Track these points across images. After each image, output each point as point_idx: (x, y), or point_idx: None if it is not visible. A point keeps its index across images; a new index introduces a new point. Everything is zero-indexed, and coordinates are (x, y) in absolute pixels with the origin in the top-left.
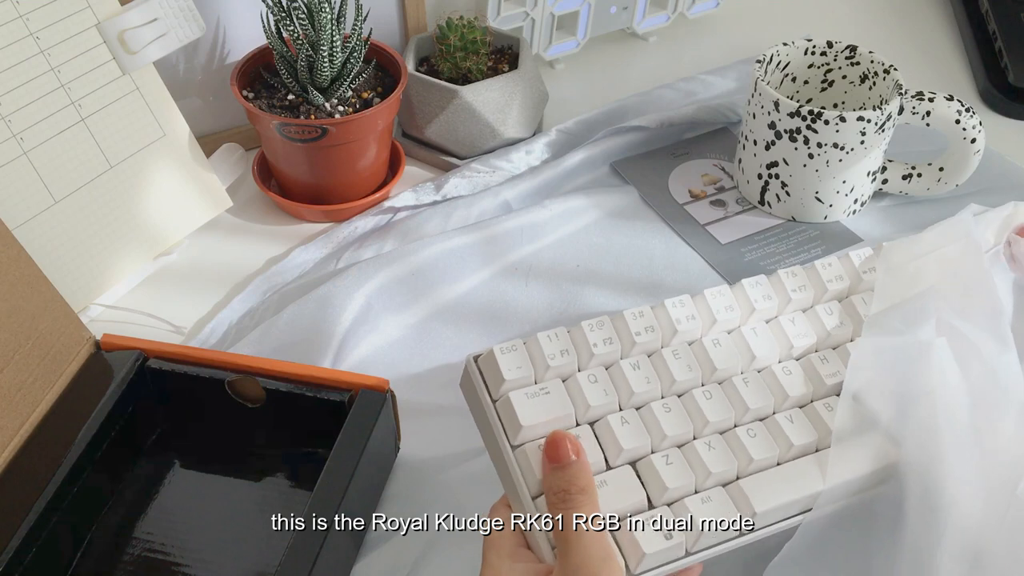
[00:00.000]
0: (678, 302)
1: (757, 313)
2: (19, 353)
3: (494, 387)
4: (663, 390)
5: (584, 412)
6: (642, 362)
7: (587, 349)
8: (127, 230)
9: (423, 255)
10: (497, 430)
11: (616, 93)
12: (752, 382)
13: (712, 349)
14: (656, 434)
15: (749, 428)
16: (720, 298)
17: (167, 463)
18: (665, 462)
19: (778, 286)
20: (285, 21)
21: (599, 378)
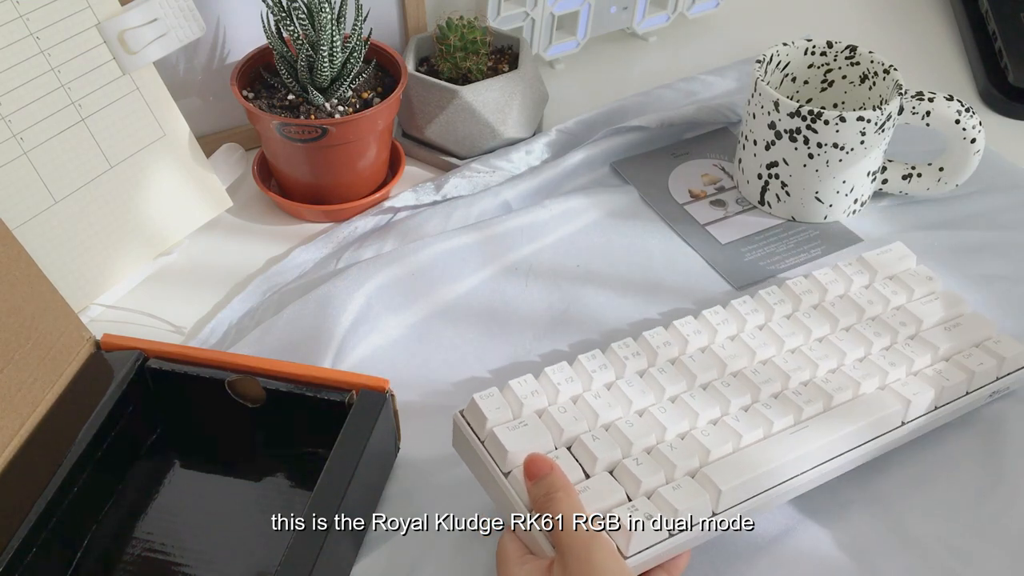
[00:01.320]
0: (623, 344)
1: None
2: (19, 353)
3: (479, 429)
4: (623, 411)
5: (560, 437)
6: (602, 392)
7: (552, 388)
8: (127, 230)
9: (423, 255)
10: (489, 464)
11: (616, 93)
12: (698, 396)
13: (659, 375)
14: (624, 444)
15: (703, 430)
16: (657, 337)
17: (167, 463)
18: (636, 463)
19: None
20: (285, 21)
21: (567, 408)
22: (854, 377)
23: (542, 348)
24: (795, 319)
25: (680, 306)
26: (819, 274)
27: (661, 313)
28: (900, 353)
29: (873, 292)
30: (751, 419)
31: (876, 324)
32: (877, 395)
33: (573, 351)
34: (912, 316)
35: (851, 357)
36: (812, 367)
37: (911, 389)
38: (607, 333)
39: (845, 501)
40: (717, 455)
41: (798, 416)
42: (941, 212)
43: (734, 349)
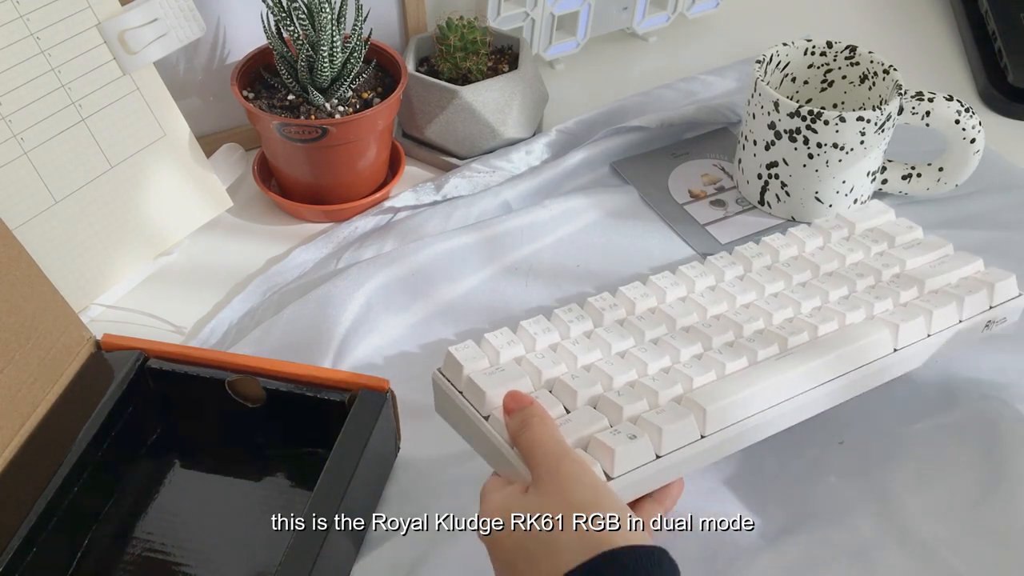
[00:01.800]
0: (600, 298)
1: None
2: (19, 353)
3: (457, 379)
4: (603, 353)
5: (538, 380)
6: (580, 339)
7: (529, 338)
8: (127, 230)
9: (423, 255)
10: (469, 411)
11: (616, 93)
12: (679, 337)
13: (638, 322)
14: (604, 380)
15: (685, 364)
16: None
17: (167, 463)
18: (617, 395)
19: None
20: (285, 21)
21: (546, 355)
22: (839, 310)
23: None
24: (775, 269)
25: None
26: (796, 230)
27: None
28: (886, 288)
29: (854, 242)
30: (735, 352)
31: (859, 267)
32: (865, 323)
33: None
34: (896, 259)
35: (835, 295)
36: (795, 306)
37: (899, 316)
38: None
39: (846, 501)
40: (701, 382)
41: (783, 345)
42: (941, 212)
43: (714, 297)
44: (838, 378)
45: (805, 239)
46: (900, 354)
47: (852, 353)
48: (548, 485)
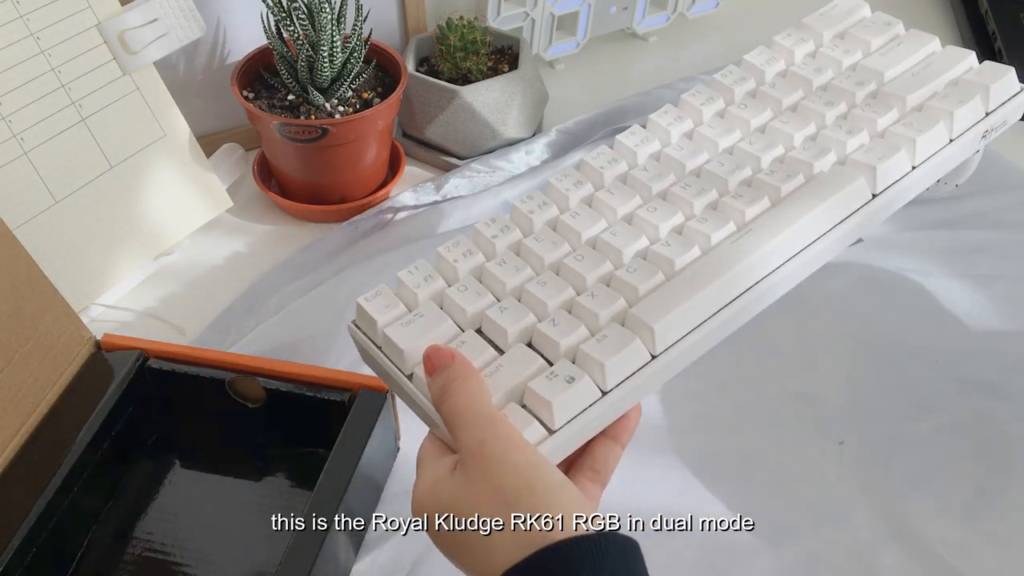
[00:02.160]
0: (526, 197)
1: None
2: (19, 353)
3: (373, 333)
4: (535, 271)
5: (463, 318)
6: (507, 257)
7: (449, 267)
8: (127, 230)
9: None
10: (391, 369)
11: (616, 93)
12: (620, 231)
13: (572, 220)
14: (538, 307)
15: (628, 267)
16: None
17: (167, 463)
18: (552, 324)
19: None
20: (285, 21)
21: (469, 286)
22: (804, 159)
23: None
24: (728, 115)
25: None
26: (752, 56)
27: None
28: (860, 117)
29: (821, 59)
30: (683, 240)
31: (827, 93)
32: (835, 174)
33: None
34: (871, 72)
35: (800, 137)
36: (753, 160)
37: (876, 155)
38: None
39: (846, 501)
40: (645, 290)
41: (740, 221)
42: (941, 212)
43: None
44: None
45: (764, 66)
46: (881, 198)
47: (820, 216)
48: (474, 469)
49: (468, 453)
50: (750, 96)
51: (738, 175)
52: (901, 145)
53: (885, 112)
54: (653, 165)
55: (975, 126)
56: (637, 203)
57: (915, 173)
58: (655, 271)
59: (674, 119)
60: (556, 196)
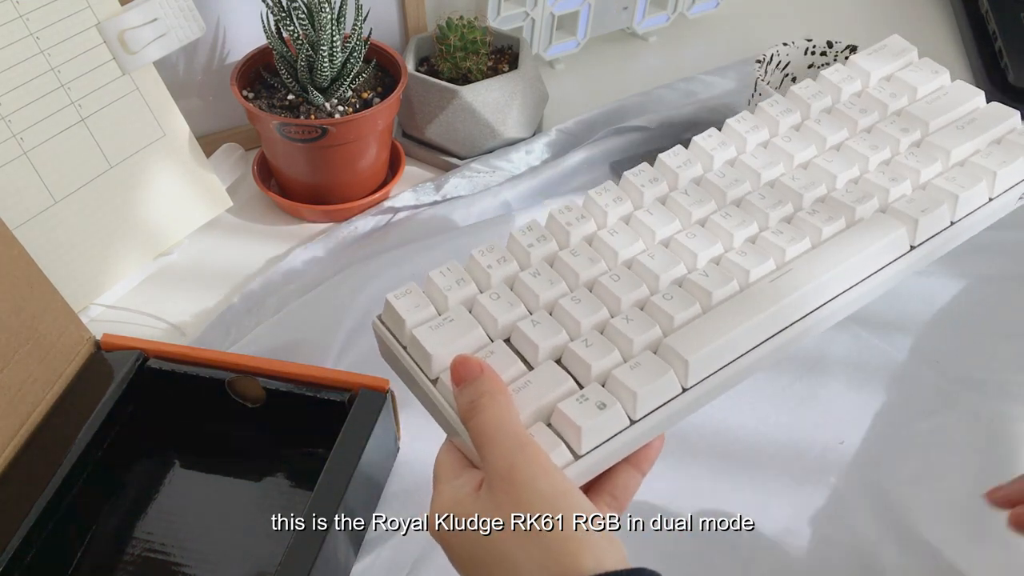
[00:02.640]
0: (564, 208)
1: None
2: (19, 353)
3: (400, 333)
4: (569, 286)
5: (494, 328)
6: (542, 268)
7: (483, 272)
8: (127, 230)
9: (423, 255)
10: (415, 372)
11: (616, 93)
12: (658, 255)
13: (610, 238)
14: (571, 324)
15: (665, 293)
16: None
17: (167, 463)
18: (584, 345)
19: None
20: (285, 21)
21: (501, 294)
22: (847, 202)
23: None
24: (772, 146)
25: None
26: (799, 88)
27: None
28: (903, 165)
29: (867, 99)
30: (722, 272)
31: (872, 136)
32: (876, 221)
33: None
34: (916, 119)
35: (843, 179)
36: (796, 198)
37: (918, 207)
38: None
39: (846, 501)
40: (681, 320)
41: (780, 259)
42: None
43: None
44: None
45: (810, 100)
46: (920, 250)
47: (860, 263)
48: (501, 492)
49: (496, 475)
50: (794, 129)
51: (780, 210)
52: (943, 200)
53: (929, 163)
54: (694, 189)
55: (1015, 187)
56: (676, 228)
57: (954, 228)
58: (692, 302)
59: (718, 144)
60: (594, 210)
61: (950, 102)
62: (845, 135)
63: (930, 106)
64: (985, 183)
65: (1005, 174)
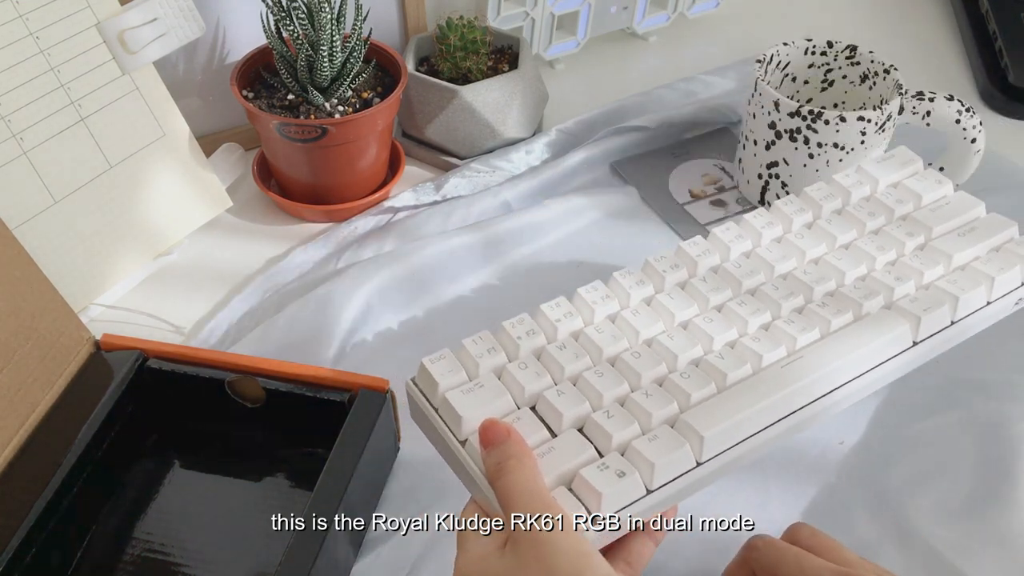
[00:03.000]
0: (591, 288)
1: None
2: (19, 353)
3: (432, 395)
4: (593, 360)
5: (521, 396)
6: (568, 342)
7: (512, 343)
8: (127, 230)
9: (423, 255)
10: (444, 432)
11: (616, 93)
12: (677, 336)
13: (632, 318)
14: (593, 396)
15: (683, 372)
16: (630, 276)
17: (167, 463)
18: (606, 416)
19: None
20: (285, 21)
21: (529, 364)
22: (854, 298)
23: None
24: (785, 241)
25: None
26: (812, 190)
27: None
28: (907, 266)
29: (875, 204)
30: (737, 356)
31: (879, 238)
32: (882, 317)
33: None
34: (920, 225)
35: (851, 276)
36: (807, 291)
37: (921, 305)
38: None
39: (846, 501)
40: (697, 398)
41: (791, 347)
42: None
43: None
44: (849, 383)
45: (822, 201)
46: (921, 347)
47: (866, 355)
48: (527, 550)
49: (522, 534)
50: (806, 227)
51: (791, 301)
52: (945, 300)
53: (932, 266)
54: (712, 277)
55: (1011, 293)
56: (694, 311)
57: (954, 328)
58: (708, 381)
59: (735, 236)
60: (618, 291)
61: (952, 211)
62: (854, 235)
63: (933, 213)
64: (984, 287)
65: (1003, 280)
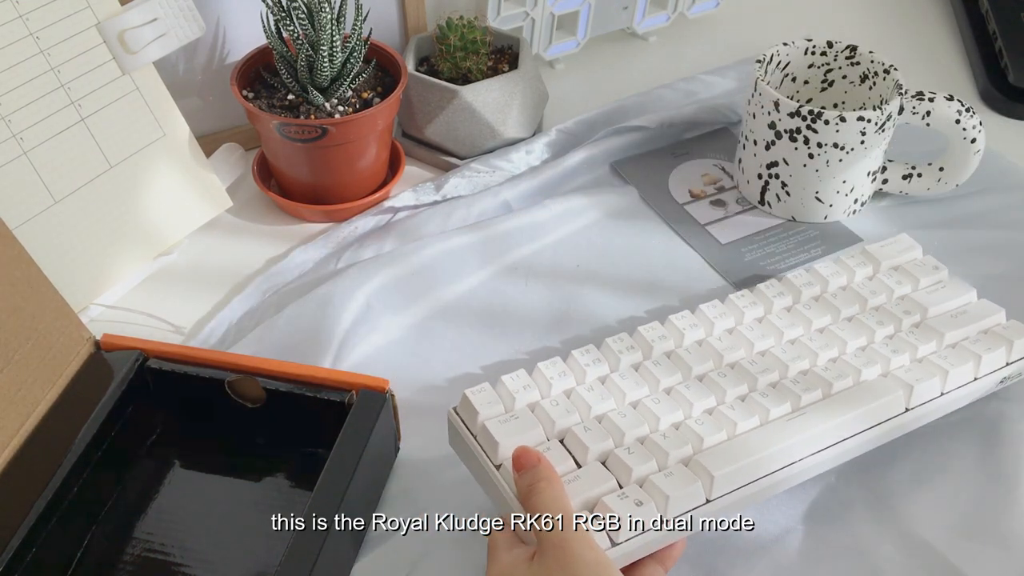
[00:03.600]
0: (617, 339)
1: (687, 337)
2: (19, 353)
3: (472, 423)
4: (617, 403)
5: (552, 429)
6: (595, 385)
7: (545, 382)
8: (127, 230)
9: (423, 255)
10: (481, 458)
11: (616, 93)
12: (693, 387)
13: (653, 368)
14: (616, 434)
15: (697, 419)
16: (652, 331)
17: (167, 463)
18: (627, 452)
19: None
20: (285, 21)
21: (560, 402)
22: (855, 365)
23: (542, 348)
24: (795, 311)
25: (681, 306)
26: (820, 266)
27: (662, 313)
28: (904, 341)
29: (877, 283)
30: (747, 408)
31: (879, 313)
32: (879, 382)
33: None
34: (917, 305)
35: (853, 346)
36: (812, 356)
37: (914, 375)
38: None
39: (846, 501)
40: (711, 443)
41: (796, 404)
42: (941, 212)
43: (731, 341)
44: (847, 439)
45: (829, 277)
46: (912, 413)
47: (864, 415)
48: (553, 560)
49: (549, 545)
50: (814, 299)
51: (798, 364)
52: (935, 373)
53: (926, 342)
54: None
55: (996, 371)
56: (709, 367)
57: (942, 399)
58: (720, 428)
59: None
60: (642, 343)
61: (946, 295)
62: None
63: (929, 296)
64: (972, 364)
65: (989, 359)
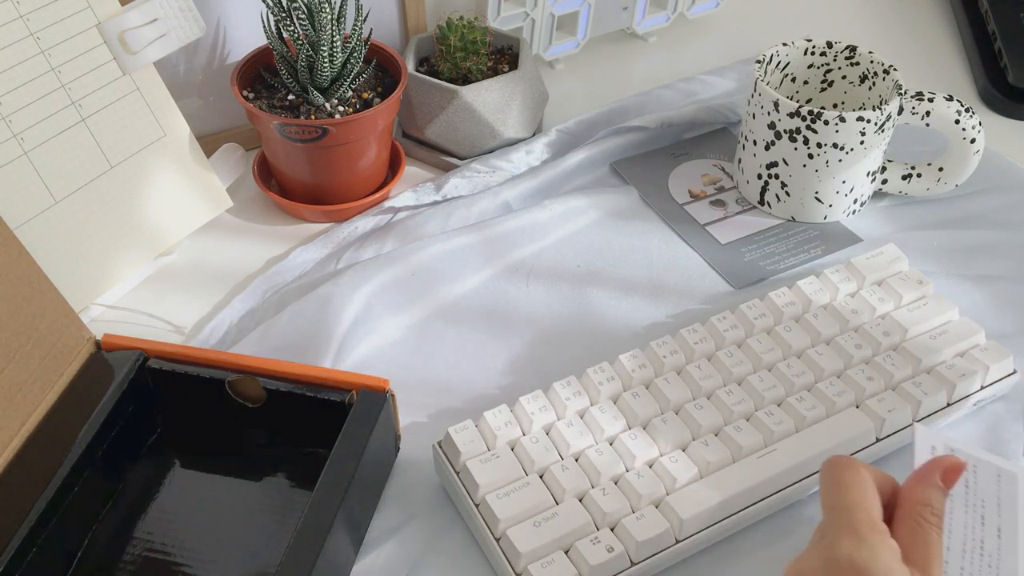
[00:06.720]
0: (597, 369)
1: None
2: (19, 353)
3: (455, 461)
4: (595, 438)
5: (531, 467)
6: (575, 420)
7: (527, 417)
8: (127, 230)
9: (423, 255)
10: (462, 493)
11: (616, 93)
12: (670, 421)
13: (632, 401)
14: (592, 473)
15: (671, 456)
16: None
17: (167, 463)
18: (602, 494)
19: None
20: (285, 21)
21: (539, 438)
22: (829, 395)
23: (542, 349)
24: (775, 334)
25: (681, 306)
26: (804, 284)
27: (662, 313)
28: (880, 367)
29: (859, 300)
30: (720, 444)
31: (858, 335)
32: (851, 414)
33: (572, 352)
34: (897, 325)
35: (829, 371)
36: (788, 384)
37: (887, 405)
38: (607, 333)
39: None
40: (683, 481)
41: (768, 438)
42: (941, 212)
43: (710, 369)
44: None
45: (811, 296)
46: (883, 443)
47: (835, 448)
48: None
49: None
50: (795, 320)
51: (773, 393)
52: (908, 403)
53: (902, 368)
54: (706, 364)
55: (969, 396)
56: (687, 397)
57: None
58: (692, 467)
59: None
60: (622, 374)
61: (928, 313)
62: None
63: (911, 314)
64: (945, 392)
65: (963, 385)
